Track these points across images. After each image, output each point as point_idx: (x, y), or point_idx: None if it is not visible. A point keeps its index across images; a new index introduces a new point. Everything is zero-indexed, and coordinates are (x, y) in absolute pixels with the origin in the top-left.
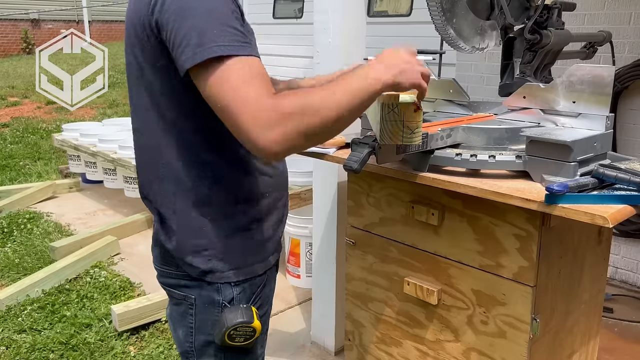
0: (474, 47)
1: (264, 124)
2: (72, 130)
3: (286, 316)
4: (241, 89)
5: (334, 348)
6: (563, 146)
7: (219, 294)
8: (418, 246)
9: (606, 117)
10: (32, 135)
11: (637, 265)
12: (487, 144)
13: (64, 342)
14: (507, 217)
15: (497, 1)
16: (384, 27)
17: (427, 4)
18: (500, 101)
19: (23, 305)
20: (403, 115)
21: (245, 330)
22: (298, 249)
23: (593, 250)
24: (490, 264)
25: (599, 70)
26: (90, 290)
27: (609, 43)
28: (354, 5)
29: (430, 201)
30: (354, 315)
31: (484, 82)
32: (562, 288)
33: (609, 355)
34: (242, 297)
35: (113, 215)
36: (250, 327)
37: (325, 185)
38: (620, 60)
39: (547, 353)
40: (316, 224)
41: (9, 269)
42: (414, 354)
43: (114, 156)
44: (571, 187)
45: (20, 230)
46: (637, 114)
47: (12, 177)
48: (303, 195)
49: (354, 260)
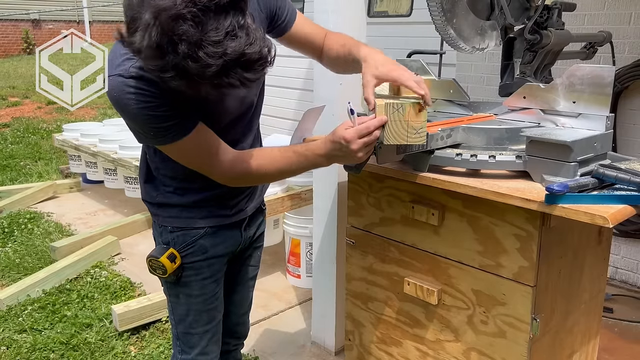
0: (474, 47)
1: None
2: (72, 131)
3: (286, 316)
4: None
5: (334, 348)
6: (563, 146)
7: (161, 237)
8: (418, 246)
9: (606, 117)
10: (33, 136)
11: (637, 265)
12: (487, 144)
13: (65, 342)
14: (507, 217)
15: (497, 1)
16: (384, 27)
17: (427, 4)
18: (500, 101)
19: (24, 305)
20: (408, 115)
21: (158, 264)
22: (298, 249)
23: (593, 250)
24: (490, 264)
25: (599, 70)
26: (91, 290)
27: (609, 43)
28: (354, 5)
29: (430, 201)
30: (354, 315)
31: (484, 82)
32: (562, 288)
33: (609, 355)
34: (177, 242)
35: (113, 215)
36: (159, 262)
37: (325, 185)
38: (620, 60)
39: (547, 353)
40: (316, 224)
41: (9, 269)
42: (414, 353)
43: (115, 156)
44: (571, 187)
45: (21, 230)
46: (637, 114)
47: (13, 177)
48: (303, 195)
49: (354, 260)
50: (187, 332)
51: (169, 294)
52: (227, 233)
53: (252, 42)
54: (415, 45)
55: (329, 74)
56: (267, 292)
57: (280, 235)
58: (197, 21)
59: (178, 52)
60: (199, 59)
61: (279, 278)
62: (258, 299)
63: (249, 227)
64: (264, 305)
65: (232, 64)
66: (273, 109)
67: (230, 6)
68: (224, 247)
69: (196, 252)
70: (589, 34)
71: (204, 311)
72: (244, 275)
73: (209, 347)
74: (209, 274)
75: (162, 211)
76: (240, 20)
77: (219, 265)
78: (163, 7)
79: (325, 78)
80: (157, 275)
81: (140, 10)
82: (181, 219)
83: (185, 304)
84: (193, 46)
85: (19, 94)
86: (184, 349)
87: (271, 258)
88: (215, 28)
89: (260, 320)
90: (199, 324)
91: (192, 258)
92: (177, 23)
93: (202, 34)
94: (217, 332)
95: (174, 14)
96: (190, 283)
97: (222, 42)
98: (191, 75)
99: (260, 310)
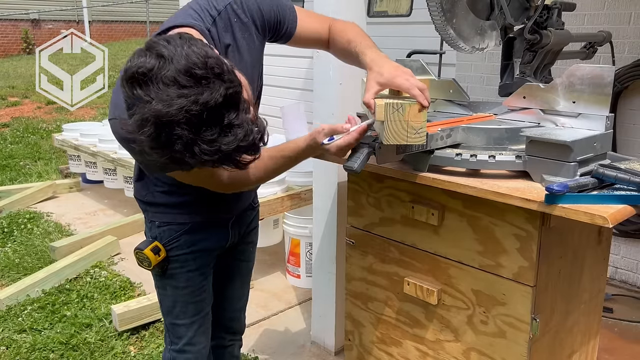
0: (474, 47)
1: None
2: (72, 130)
3: (286, 316)
4: None
5: (334, 348)
6: (563, 146)
7: (150, 231)
8: (418, 246)
9: (606, 117)
10: (33, 135)
11: (637, 265)
12: (487, 144)
13: (64, 342)
14: (507, 217)
15: (497, 1)
16: (384, 27)
17: (427, 4)
18: (500, 101)
19: (23, 305)
20: (408, 114)
21: (143, 256)
22: (298, 249)
23: (593, 250)
24: (490, 264)
25: (599, 70)
26: (91, 290)
27: (608, 43)
28: (354, 5)
29: (430, 201)
30: (354, 315)
31: (484, 82)
32: (562, 288)
33: (609, 355)
34: (163, 236)
35: (113, 215)
36: (143, 254)
37: (325, 185)
38: (620, 60)
39: (547, 353)
40: (316, 224)
41: (9, 269)
42: (414, 353)
43: (114, 156)
44: (571, 187)
45: (21, 230)
46: (636, 114)
47: (13, 177)
48: (303, 195)
49: (354, 260)
50: (174, 323)
51: (157, 286)
52: (213, 229)
53: (247, 134)
54: (415, 45)
55: (329, 74)
56: (266, 292)
57: (280, 235)
58: (192, 124)
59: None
60: (194, 155)
61: (279, 278)
62: (258, 299)
63: (237, 225)
64: (263, 305)
65: (226, 156)
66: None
67: (224, 106)
68: (210, 242)
69: (181, 246)
70: (589, 34)
71: (191, 303)
72: (236, 271)
73: (196, 337)
74: (195, 266)
75: (150, 207)
76: (233, 117)
77: (206, 258)
78: (159, 112)
79: (325, 78)
80: (144, 267)
81: (137, 103)
82: (168, 214)
83: (172, 296)
84: (188, 145)
85: (19, 93)
86: (172, 339)
87: (271, 258)
88: (210, 128)
89: (260, 320)
90: (186, 315)
91: (178, 251)
92: (172, 127)
93: (196, 135)
94: (205, 324)
95: (169, 120)
96: (176, 275)
97: (217, 140)
98: (188, 164)
99: (260, 310)
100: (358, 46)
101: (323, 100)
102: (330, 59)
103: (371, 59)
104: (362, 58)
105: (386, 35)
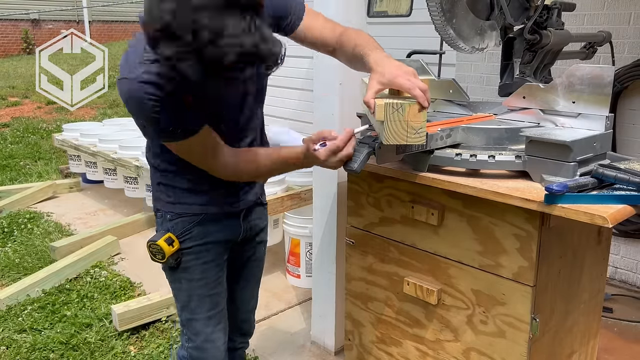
0: (473, 47)
1: None
2: (72, 130)
3: (286, 316)
4: None
5: (334, 348)
6: (563, 146)
7: (162, 225)
8: (418, 246)
9: (606, 117)
10: (33, 135)
11: (637, 265)
12: (487, 144)
13: (64, 342)
14: (506, 217)
15: (497, 1)
16: (384, 27)
17: (427, 4)
18: (500, 101)
19: (23, 305)
20: (407, 115)
21: (157, 248)
22: (298, 249)
23: (593, 250)
24: (490, 263)
25: (599, 70)
26: (91, 290)
27: (608, 43)
28: (354, 5)
29: (429, 201)
30: (354, 315)
31: (483, 82)
32: (561, 288)
33: (608, 355)
34: (176, 228)
35: (113, 215)
36: (157, 246)
37: (325, 185)
38: (620, 60)
39: (547, 353)
40: (316, 224)
41: (9, 269)
42: (413, 353)
43: (114, 156)
44: (571, 187)
45: (21, 230)
46: (636, 114)
47: (13, 177)
48: (303, 195)
49: (353, 260)
50: (191, 318)
51: (171, 280)
52: (225, 221)
53: (266, 41)
54: (415, 45)
55: (328, 75)
56: (267, 292)
57: (280, 235)
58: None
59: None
60: (217, 47)
61: (279, 278)
62: (258, 299)
63: (248, 218)
64: (264, 305)
65: (246, 56)
66: (273, 109)
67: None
68: (222, 234)
69: (194, 237)
70: (589, 34)
71: (207, 296)
72: (249, 271)
73: (214, 334)
74: (210, 258)
75: (162, 195)
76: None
77: (220, 250)
78: None
79: (325, 78)
80: (158, 261)
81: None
82: (180, 204)
83: (187, 289)
84: (213, 34)
85: (19, 93)
86: (190, 336)
87: (271, 258)
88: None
89: (260, 320)
90: (203, 309)
91: (191, 243)
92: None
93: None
94: (222, 320)
95: (196, 5)
96: (190, 268)
97: (239, 36)
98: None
99: (260, 310)
100: (363, 49)
101: (323, 101)
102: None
103: (374, 59)
104: (366, 59)
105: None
